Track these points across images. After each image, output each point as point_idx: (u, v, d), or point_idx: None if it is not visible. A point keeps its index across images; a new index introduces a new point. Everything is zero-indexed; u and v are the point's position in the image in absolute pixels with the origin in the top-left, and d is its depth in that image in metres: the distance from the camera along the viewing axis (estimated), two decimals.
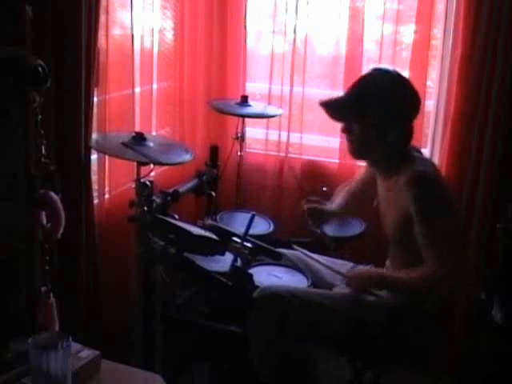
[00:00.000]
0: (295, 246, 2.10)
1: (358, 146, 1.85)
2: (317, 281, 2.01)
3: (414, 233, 1.73)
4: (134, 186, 1.88)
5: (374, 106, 1.75)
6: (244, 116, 2.56)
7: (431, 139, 2.57)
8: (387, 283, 1.82)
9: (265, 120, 2.76)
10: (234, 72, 2.80)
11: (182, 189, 2.12)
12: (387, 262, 2.00)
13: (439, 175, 1.89)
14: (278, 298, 1.76)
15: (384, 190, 1.88)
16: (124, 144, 1.86)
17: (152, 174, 1.96)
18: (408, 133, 1.81)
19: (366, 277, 1.88)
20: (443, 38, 2.45)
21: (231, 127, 2.70)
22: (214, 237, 1.92)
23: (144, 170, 1.88)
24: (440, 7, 2.45)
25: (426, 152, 2.55)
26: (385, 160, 1.85)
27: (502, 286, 2.08)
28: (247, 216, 2.05)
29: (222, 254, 1.93)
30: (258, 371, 1.82)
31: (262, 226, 2.38)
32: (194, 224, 2.07)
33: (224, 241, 1.96)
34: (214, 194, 2.35)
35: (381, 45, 2.53)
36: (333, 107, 1.85)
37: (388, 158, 1.83)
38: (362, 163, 2.49)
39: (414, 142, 1.90)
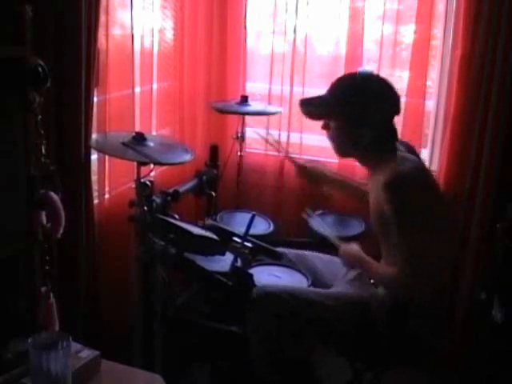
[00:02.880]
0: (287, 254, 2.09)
1: (336, 144, 1.88)
2: (316, 281, 2.01)
3: (390, 229, 1.74)
4: (134, 186, 1.88)
5: (345, 107, 1.77)
6: (244, 113, 2.56)
7: (431, 139, 2.57)
8: (362, 267, 1.89)
9: (265, 120, 2.76)
10: (234, 72, 2.80)
11: (182, 189, 2.12)
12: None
13: (421, 176, 1.80)
14: (276, 297, 1.76)
15: (371, 185, 1.89)
16: (124, 144, 1.85)
17: (152, 173, 1.96)
18: (385, 132, 1.81)
19: (346, 254, 1.93)
20: (443, 38, 2.45)
21: (231, 127, 2.70)
22: (214, 237, 1.92)
23: (144, 170, 1.88)
24: (440, 7, 2.45)
25: (425, 152, 2.55)
26: (365, 158, 1.87)
27: (502, 285, 2.09)
28: (247, 216, 2.05)
29: (222, 254, 1.93)
30: (257, 371, 1.82)
31: (261, 226, 2.38)
32: (194, 224, 2.07)
33: (224, 241, 1.96)
34: (213, 194, 2.35)
35: (381, 45, 2.53)
36: (308, 105, 1.89)
37: (365, 157, 1.86)
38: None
39: (414, 142, 1.90)
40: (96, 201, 2.07)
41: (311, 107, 1.89)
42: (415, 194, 1.69)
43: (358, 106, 1.76)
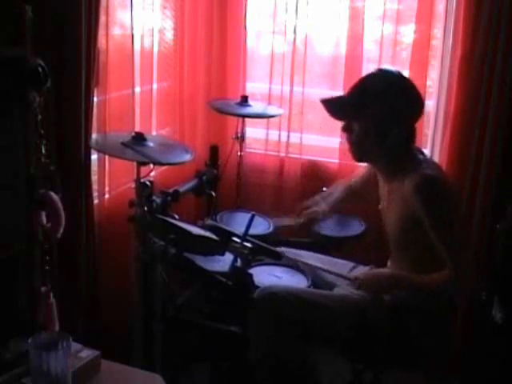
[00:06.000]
0: (286, 253, 2.04)
1: (358, 146, 1.85)
2: (317, 281, 2.01)
3: (418, 235, 1.74)
4: (133, 185, 1.88)
5: (375, 106, 1.75)
6: (244, 116, 2.56)
7: (431, 139, 2.57)
8: (403, 284, 1.79)
9: (265, 120, 2.76)
10: (234, 72, 2.80)
11: (182, 189, 2.11)
12: (388, 264, 1.99)
13: (445, 178, 1.88)
14: (278, 298, 1.76)
15: (386, 192, 1.88)
16: (124, 144, 1.85)
17: (152, 173, 1.96)
18: (410, 134, 1.81)
19: (377, 279, 1.84)
20: (443, 38, 2.45)
21: (231, 127, 2.70)
22: (214, 237, 1.92)
23: (144, 170, 1.88)
24: (440, 7, 2.45)
25: (426, 152, 2.55)
26: (386, 161, 1.84)
27: (502, 285, 2.09)
28: (247, 216, 2.05)
29: (222, 254, 1.93)
30: (257, 371, 1.82)
31: (261, 226, 2.37)
32: (194, 224, 2.07)
33: (224, 241, 1.96)
34: (213, 194, 2.35)
35: (381, 45, 2.53)
36: (334, 105, 1.85)
37: (389, 160, 1.83)
38: (362, 164, 2.50)
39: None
40: (96, 201, 2.07)
41: (336, 108, 1.83)
42: (449, 194, 1.76)
43: (387, 106, 1.74)
